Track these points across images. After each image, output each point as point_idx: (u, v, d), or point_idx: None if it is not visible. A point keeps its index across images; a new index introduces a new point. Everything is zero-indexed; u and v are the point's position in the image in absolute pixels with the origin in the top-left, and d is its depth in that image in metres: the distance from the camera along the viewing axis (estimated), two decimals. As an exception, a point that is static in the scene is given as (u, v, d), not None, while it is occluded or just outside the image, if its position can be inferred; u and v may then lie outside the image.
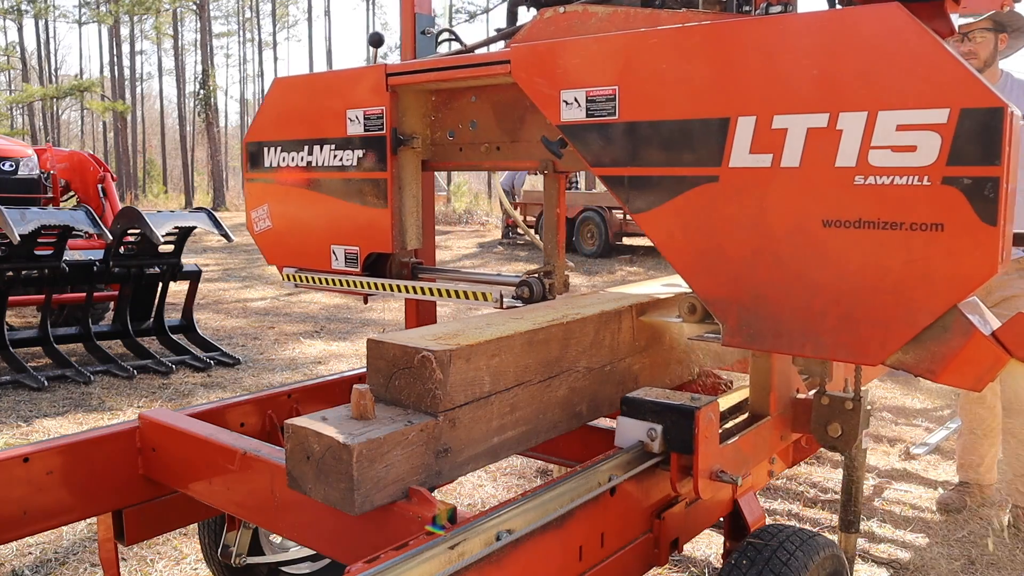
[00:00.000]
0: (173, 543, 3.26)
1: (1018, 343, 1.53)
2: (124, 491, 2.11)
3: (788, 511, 3.69)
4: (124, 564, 3.04)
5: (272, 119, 2.68)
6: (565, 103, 1.99)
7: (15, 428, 4.76)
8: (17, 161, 7.41)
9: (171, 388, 5.72)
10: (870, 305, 1.62)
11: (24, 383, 5.60)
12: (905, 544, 3.37)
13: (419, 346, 1.63)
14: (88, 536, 3.31)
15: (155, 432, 2.12)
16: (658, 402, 1.75)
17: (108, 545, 2.16)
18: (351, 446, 1.44)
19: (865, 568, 3.15)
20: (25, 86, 47.65)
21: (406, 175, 2.44)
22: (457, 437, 1.65)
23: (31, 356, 6.35)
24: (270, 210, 2.73)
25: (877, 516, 3.64)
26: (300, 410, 2.49)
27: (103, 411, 5.14)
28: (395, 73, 2.34)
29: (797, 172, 1.67)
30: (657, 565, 1.86)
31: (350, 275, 2.52)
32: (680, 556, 3.14)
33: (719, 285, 1.80)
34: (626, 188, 1.91)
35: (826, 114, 1.63)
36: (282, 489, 1.71)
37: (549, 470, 4.01)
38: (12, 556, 3.15)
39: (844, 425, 1.97)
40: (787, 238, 1.70)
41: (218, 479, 1.96)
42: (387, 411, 1.62)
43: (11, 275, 5.67)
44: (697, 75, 1.78)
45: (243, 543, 2.43)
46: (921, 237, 1.55)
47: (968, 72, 1.50)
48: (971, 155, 1.49)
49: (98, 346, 6.32)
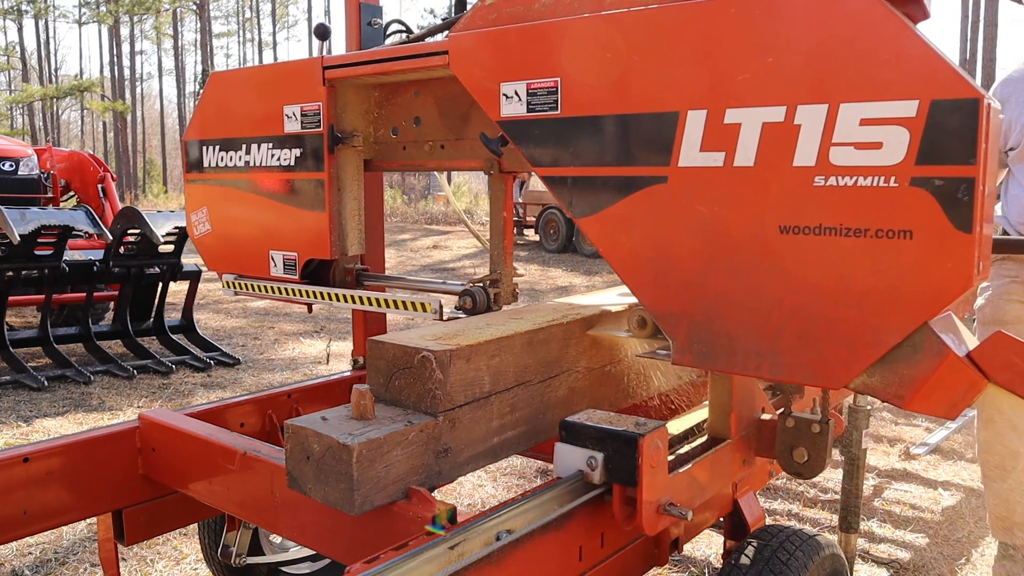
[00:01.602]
0: (173, 543, 3.26)
1: (996, 365, 1.35)
2: (124, 491, 2.11)
3: (788, 511, 3.67)
4: (124, 564, 3.04)
5: (210, 116, 2.51)
6: (505, 97, 1.81)
7: (15, 428, 4.76)
8: (17, 161, 7.42)
9: (171, 388, 5.72)
10: (832, 321, 1.44)
11: (24, 383, 5.61)
12: (905, 544, 3.34)
13: (419, 346, 1.62)
14: (88, 536, 3.31)
15: (155, 432, 2.12)
16: (599, 428, 1.58)
17: (108, 545, 2.16)
18: (351, 446, 1.44)
19: (865, 568, 3.12)
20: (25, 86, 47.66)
21: (346, 175, 2.26)
22: (457, 437, 1.65)
23: (31, 356, 6.34)
24: (209, 213, 2.56)
25: (877, 516, 3.61)
26: (300, 410, 2.49)
27: (103, 411, 5.14)
28: (332, 66, 2.17)
29: (751, 172, 1.49)
30: (657, 565, 1.83)
31: (289, 283, 2.35)
32: (680, 556, 3.12)
33: (668, 297, 1.62)
34: (569, 190, 1.73)
35: (783, 107, 1.45)
36: (282, 489, 1.69)
37: (549, 470, 3.98)
38: (12, 556, 3.16)
39: (811, 450, 1.79)
40: (741, 246, 1.52)
41: (218, 479, 1.95)
42: (387, 411, 1.62)
43: (11, 275, 5.68)
44: (643, 64, 1.60)
45: (243, 543, 2.42)
46: (888, 245, 1.37)
47: (940, 59, 1.32)
48: (943, 153, 1.32)
49: (98, 346, 6.31)
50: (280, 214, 2.33)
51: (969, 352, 1.38)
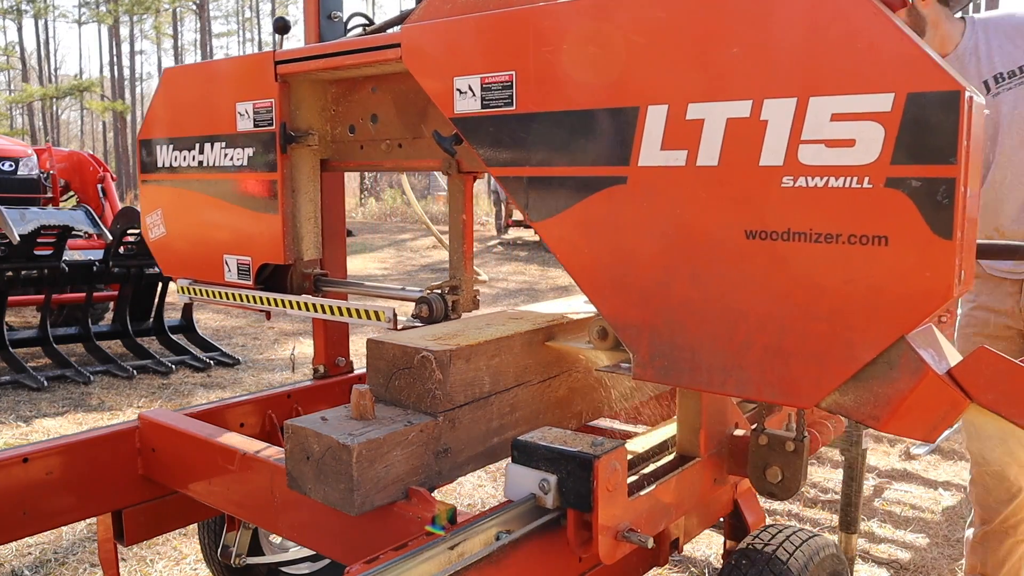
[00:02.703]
0: (173, 543, 3.25)
1: (979, 384, 1.23)
2: (124, 491, 2.10)
3: (788, 511, 3.63)
4: (124, 564, 3.03)
5: (164, 115, 2.39)
6: (459, 92, 1.69)
7: (15, 428, 4.74)
8: (17, 161, 7.40)
9: (171, 388, 5.68)
10: (802, 335, 1.32)
11: (24, 383, 5.57)
12: (905, 544, 3.32)
13: (419, 346, 1.62)
14: (88, 536, 3.30)
15: (155, 432, 2.10)
16: (552, 448, 1.46)
17: (108, 545, 2.16)
18: (351, 446, 1.43)
19: (865, 568, 3.09)
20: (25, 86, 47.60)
21: (301, 176, 2.15)
22: (457, 437, 1.64)
23: (31, 356, 6.30)
24: (164, 215, 2.45)
25: (877, 516, 3.59)
26: (300, 410, 2.48)
27: (103, 411, 5.11)
28: (284, 61, 2.05)
29: (715, 172, 1.38)
30: (657, 565, 1.81)
31: (242, 289, 2.23)
32: (680, 556, 3.10)
33: (628, 307, 1.50)
34: (525, 191, 1.62)
35: (748, 101, 1.34)
36: (282, 489, 1.68)
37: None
38: (12, 556, 3.15)
39: (785, 470, 1.67)
40: (705, 252, 1.40)
41: (218, 479, 1.94)
42: (387, 411, 1.61)
43: (11, 275, 5.64)
44: (600, 56, 1.49)
45: (243, 543, 2.42)
46: (861, 252, 1.25)
47: (917, 49, 1.20)
48: (921, 151, 1.20)
49: (98, 346, 6.27)
50: (233, 217, 2.21)
51: (950, 369, 1.26)
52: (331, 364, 2.55)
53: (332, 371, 2.55)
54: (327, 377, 2.53)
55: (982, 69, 2.36)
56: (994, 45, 2.31)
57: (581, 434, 1.53)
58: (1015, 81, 2.31)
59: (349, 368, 2.60)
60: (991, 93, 2.34)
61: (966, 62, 2.38)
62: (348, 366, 2.59)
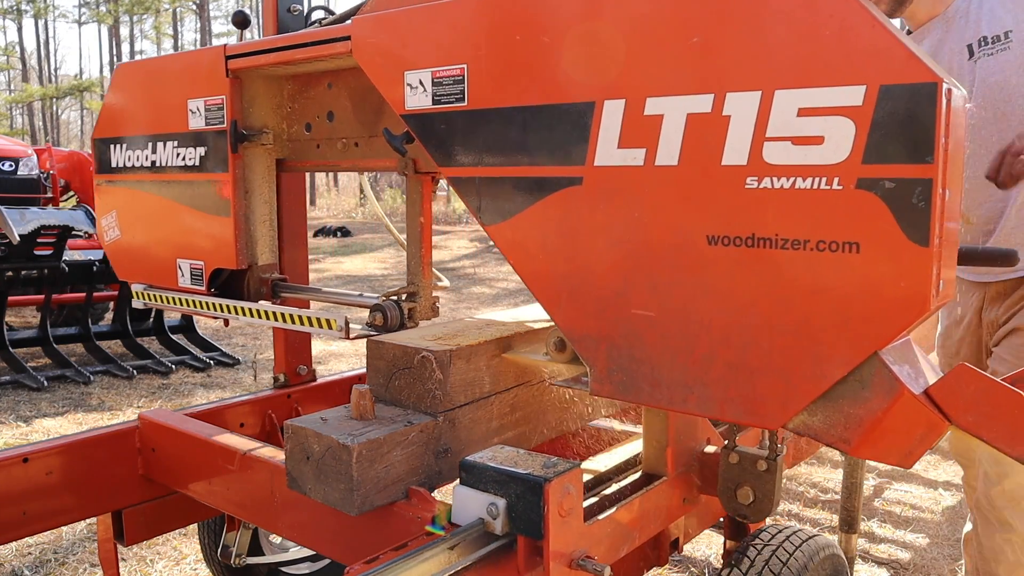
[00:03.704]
0: (173, 543, 3.23)
1: (958, 405, 1.12)
2: (124, 491, 2.10)
3: (788, 511, 3.61)
4: (124, 564, 3.01)
5: (118, 112, 2.29)
6: (409, 87, 1.59)
7: (15, 428, 4.71)
8: (17, 161, 7.40)
9: (171, 388, 5.66)
10: (767, 350, 1.21)
11: (24, 383, 5.54)
12: (905, 544, 3.29)
13: (419, 346, 1.62)
14: (88, 536, 3.28)
15: (155, 432, 2.10)
16: (500, 469, 1.35)
17: (108, 545, 2.15)
18: (351, 446, 1.43)
19: (865, 568, 3.07)
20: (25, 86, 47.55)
21: (254, 176, 2.04)
22: (457, 437, 1.63)
23: (31, 356, 6.27)
24: (118, 217, 2.34)
25: (877, 516, 3.57)
26: (300, 410, 2.47)
27: (103, 411, 5.08)
28: (235, 55, 1.94)
29: (675, 172, 1.27)
30: (657, 565, 1.80)
31: (196, 295, 2.13)
32: (680, 556, 3.08)
33: (584, 318, 1.40)
34: (477, 193, 1.51)
35: (710, 95, 1.23)
36: (282, 489, 1.68)
37: None
38: (12, 556, 3.13)
39: (757, 490, 1.57)
40: (664, 259, 1.29)
41: (218, 479, 1.93)
42: (387, 411, 1.61)
43: (11, 275, 5.64)
44: (554, 47, 1.38)
45: (243, 543, 2.40)
46: (830, 260, 1.15)
47: (890, 37, 1.09)
48: (894, 149, 1.09)
49: (98, 346, 6.25)
50: (186, 219, 2.11)
51: (927, 388, 1.15)
52: (292, 372, 2.45)
53: (293, 380, 2.45)
54: (287, 386, 2.43)
55: (967, 32, 2.18)
56: (985, 7, 2.14)
57: (536, 454, 1.42)
58: (998, 47, 2.11)
59: (312, 376, 2.49)
60: (973, 58, 2.16)
61: (954, 24, 2.20)
62: (310, 374, 2.49)
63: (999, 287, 2.21)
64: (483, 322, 1.86)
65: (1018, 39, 2.06)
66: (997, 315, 2.21)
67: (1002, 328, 2.20)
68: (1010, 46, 2.08)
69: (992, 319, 2.23)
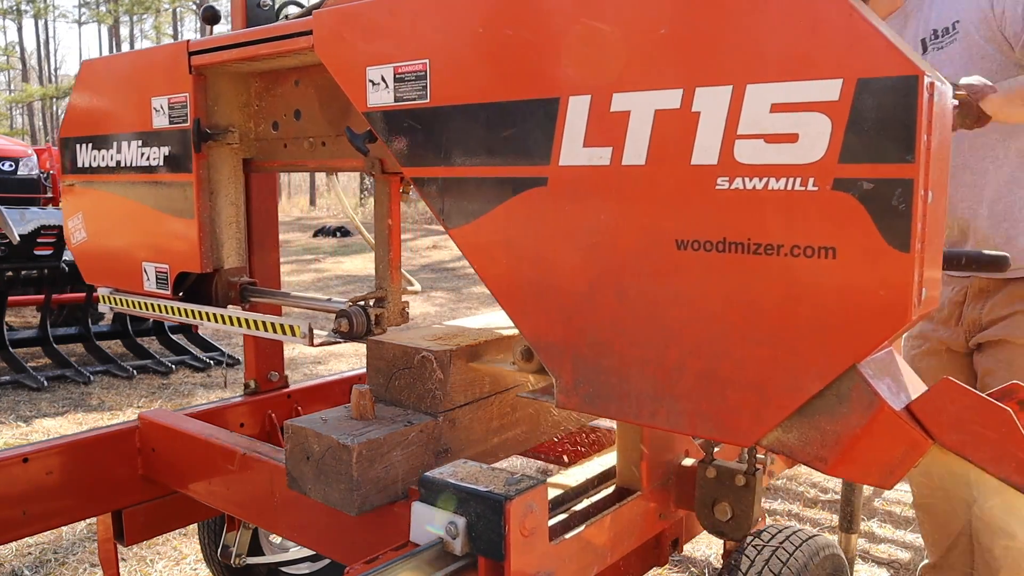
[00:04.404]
0: (173, 543, 3.23)
1: (942, 422, 1.05)
2: (124, 491, 2.10)
3: (788, 511, 3.60)
4: (124, 564, 3.01)
5: (84, 110, 2.21)
6: (371, 83, 1.51)
7: (15, 428, 4.70)
8: (17, 161, 7.39)
9: (171, 388, 5.63)
10: (739, 361, 1.14)
11: (24, 383, 5.52)
12: (905, 544, 3.27)
13: (419, 346, 1.61)
14: (88, 536, 3.27)
15: (155, 432, 2.09)
16: (460, 486, 1.28)
17: (108, 545, 2.15)
18: (351, 446, 1.43)
19: (865, 568, 3.07)
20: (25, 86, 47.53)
21: (220, 177, 1.97)
22: (457, 437, 1.63)
23: (31, 356, 6.25)
24: (84, 219, 2.27)
25: (877, 516, 3.56)
26: (300, 410, 2.46)
27: (103, 411, 5.06)
28: (198, 51, 1.87)
29: (643, 172, 1.20)
30: (657, 565, 1.80)
31: (162, 299, 2.06)
32: (680, 556, 3.08)
33: (550, 326, 1.32)
34: (440, 194, 1.44)
35: (678, 90, 1.16)
36: (282, 489, 1.67)
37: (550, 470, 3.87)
38: (12, 556, 3.13)
39: (735, 506, 1.49)
40: (632, 264, 1.22)
41: (218, 479, 1.92)
42: (387, 411, 1.61)
43: (11, 275, 5.61)
44: (517, 40, 1.31)
45: (243, 543, 2.40)
46: (805, 266, 1.07)
47: (868, 26, 1.02)
48: (873, 147, 1.02)
49: (98, 346, 6.22)
50: (151, 222, 2.04)
51: (909, 404, 1.07)
52: (263, 379, 2.37)
53: (264, 386, 2.38)
54: (257, 393, 2.35)
55: (921, 26, 2.11)
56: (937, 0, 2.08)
57: (500, 470, 1.34)
58: (946, 40, 2.05)
59: (283, 383, 2.42)
60: (925, 53, 2.09)
61: (912, 18, 2.13)
62: (282, 380, 2.42)
63: (982, 282, 2.10)
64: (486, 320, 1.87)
65: (964, 29, 2.01)
66: (980, 314, 2.11)
67: (985, 331, 2.09)
68: (957, 38, 2.02)
69: (975, 317, 2.12)
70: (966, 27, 2.00)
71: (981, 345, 2.11)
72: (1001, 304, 2.05)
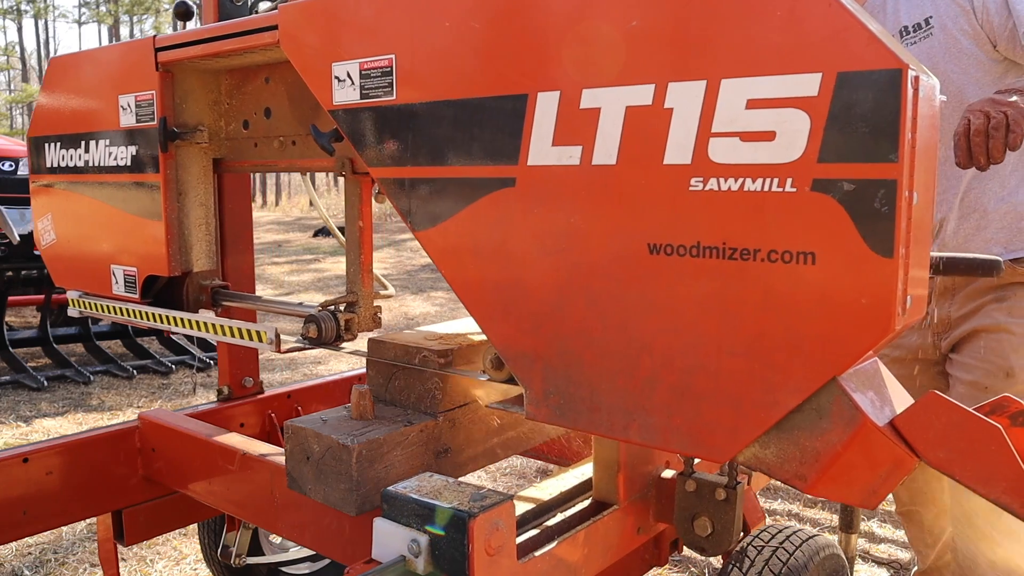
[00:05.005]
0: (173, 543, 3.23)
1: (927, 439, 0.98)
2: (124, 491, 2.09)
3: (788, 511, 3.60)
4: (124, 564, 3.01)
5: (51, 109, 2.15)
6: (337, 80, 1.45)
7: (15, 428, 4.69)
8: (17, 161, 7.29)
9: (171, 388, 5.63)
10: (714, 373, 1.08)
11: (24, 383, 5.51)
12: (905, 544, 3.23)
13: (420, 346, 1.60)
14: (88, 536, 3.28)
15: (155, 432, 2.09)
16: (423, 502, 1.21)
17: (108, 545, 2.15)
18: (351, 447, 1.43)
19: (865, 568, 3.06)
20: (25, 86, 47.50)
21: (189, 177, 1.90)
22: (457, 437, 1.62)
23: (31, 356, 6.23)
24: (53, 221, 2.21)
25: (877, 516, 3.53)
26: (300, 410, 2.47)
27: (103, 411, 5.05)
28: (165, 47, 1.81)
29: (614, 172, 1.13)
30: (657, 565, 1.79)
31: (129, 303, 1.99)
32: (680, 556, 3.07)
33: (519, 334, 1.26)
34: (407, 196, 1.37)
35: (650, 85, 1.09)
36: (282, 489, 1.68)
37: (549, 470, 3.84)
38: (12, 556, 3.13)
39: (715, 521, 1.42)
40: (603, 270, 1.16)
41: (218, 479, 1.92)
42: (387, 411, 1.61)
43: (11, 275, 5.62)
44: (484, 33, 1.24)
45: (243, 543, 2.39)
46: (782, 272, 1.01)
47: (850, 17, 0.96)
48: (854, 146, 0.96)
49: (98, 346, 6.22)
50: (118, 223, 1.97)
51: (893, 419, 1.01)
52: (237, 385, 2.31)
53: (237, 392, 2.31)
54: (231, 399, 2.29)
55: (888, 24, 2.06)
56: None
57: (467, 484, 1.28)
58: (920, 35, 2.00)
59: (259, 389, 2.36)
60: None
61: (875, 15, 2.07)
62: (257, 386, 2.35)
63: (946, 280, 2.04)
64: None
65: (939, 24, 1.95)
66: (950, 312, 2.05)
67: (957, 329, 2.03)
68: (932, 32, 1.97)
69: (944, 316, 2.06)
70: (942, 21, 1.94)
71: (956, 346, 2.04)
72: (969, 297, 2.00)
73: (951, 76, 1.95)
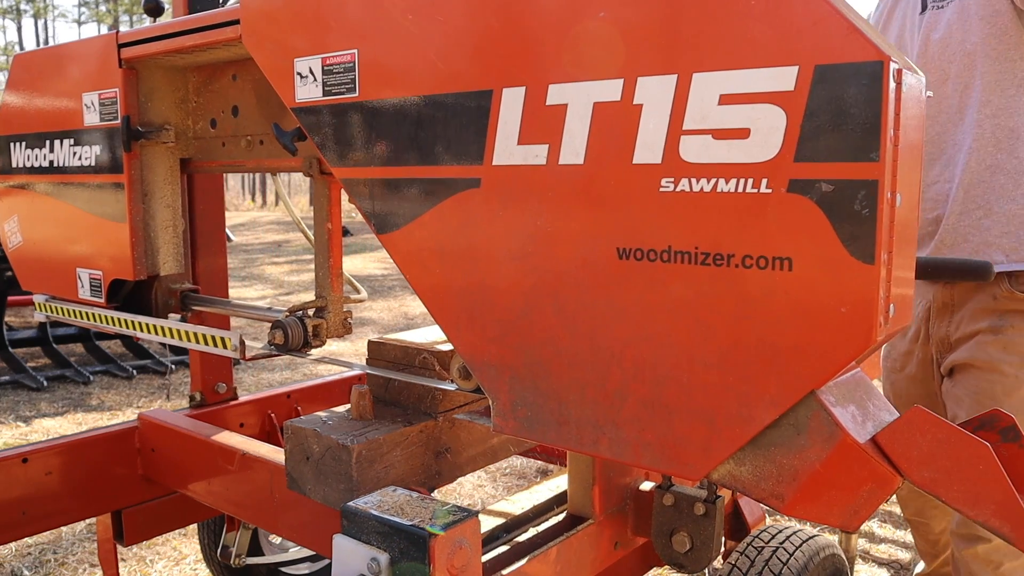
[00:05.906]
0: (173, 543, 3.23)
1: (911, 457, 0.92)
2: (123, 491, 2.10)
3: None
4: (124, 564, 3.01)
5: (17, 107, 2.09)
6: (300, 76, 1.39)
7: (14, 428, 4.70)
8: None
9: (171, 388, 5.64)
10: (686, 386, 1.01)
11: (23, 383, 5.51)
12: (905, 544, 3.25)
13: (420, 346, 1.59)
14: (88, 536, 3.29)
15: (154, 432, 2.09)
16: (383, 519, 1.15)
17: (107, 545, 2.15)
18: (350, 447, 1.42)
19: (865, 568, 3.05)
20: (23, 86, 47.32)
21: (154, 177, 1.84)
22: (457, 437, 1.62)
23: (30, 356, 6.25)
24: (20, 222, 2.14)
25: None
26: (300, 410, 2.48)
27: (102, 411, 5.07)
28: (128, 43, 1.74)
29: (581, 172, 1.07)
30: (657, 565, 1.77)
31: (95, 307, 1.93)
32: None
33: (485, 343, 1.20)
34: (370, 197, 1.31)
35: (619, 80, 1.03)
36: (281, 489, 1.68)
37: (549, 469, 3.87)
38: (11, 556, 3.14)
39: (695, 537, 1.36)
40: (571, 275, 1.10)
41: (217, 479, 1.92)
42: (387, 411, 1.60)
43: (11, 275, 5.52)
44: (447, 26, 1.18)
45: (243, 543, 2.40)
46: (758, 279, 0.95)
47: (828, 6, 0.89)
48: (832, 144, 0.90)
49: (97, 346, 6.22)
50: (83, 225, 1.91)
51: (875, 436, 0.95)
52: (209, 391, 2.24)
53: (210, 398, 2.25)
54: (204, 405, 2.23)
55: None
56: None
57: (431, 500, 1.22)
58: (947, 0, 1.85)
59: (232, 395, 2.29)
60: (924, 11, 1.91)
61: None
62: (230, 392, 2.29)
63: (944, 295, 1.91)
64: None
65: None
66: (947, 331, 1.91)
67: (954, 353, 1.89)
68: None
69: (942, 336, 1.93)
70: None
71: (952, 371, 1.91)
72: (967, 318, 1.86)
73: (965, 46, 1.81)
